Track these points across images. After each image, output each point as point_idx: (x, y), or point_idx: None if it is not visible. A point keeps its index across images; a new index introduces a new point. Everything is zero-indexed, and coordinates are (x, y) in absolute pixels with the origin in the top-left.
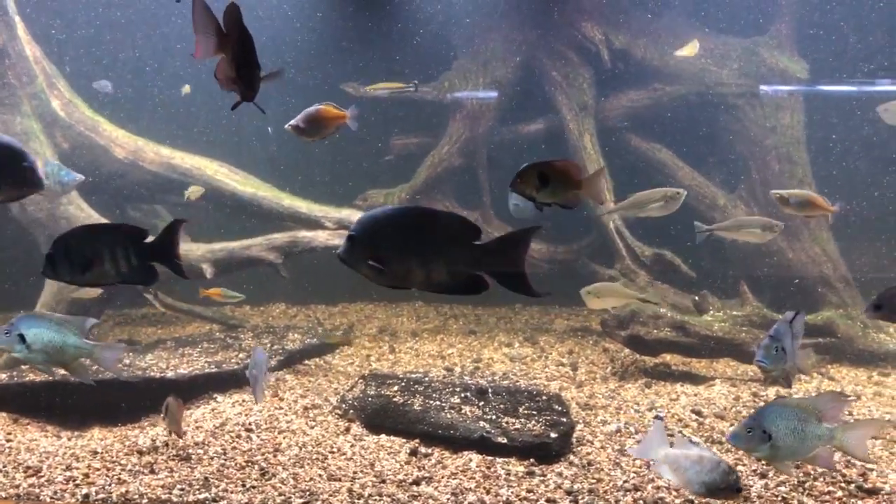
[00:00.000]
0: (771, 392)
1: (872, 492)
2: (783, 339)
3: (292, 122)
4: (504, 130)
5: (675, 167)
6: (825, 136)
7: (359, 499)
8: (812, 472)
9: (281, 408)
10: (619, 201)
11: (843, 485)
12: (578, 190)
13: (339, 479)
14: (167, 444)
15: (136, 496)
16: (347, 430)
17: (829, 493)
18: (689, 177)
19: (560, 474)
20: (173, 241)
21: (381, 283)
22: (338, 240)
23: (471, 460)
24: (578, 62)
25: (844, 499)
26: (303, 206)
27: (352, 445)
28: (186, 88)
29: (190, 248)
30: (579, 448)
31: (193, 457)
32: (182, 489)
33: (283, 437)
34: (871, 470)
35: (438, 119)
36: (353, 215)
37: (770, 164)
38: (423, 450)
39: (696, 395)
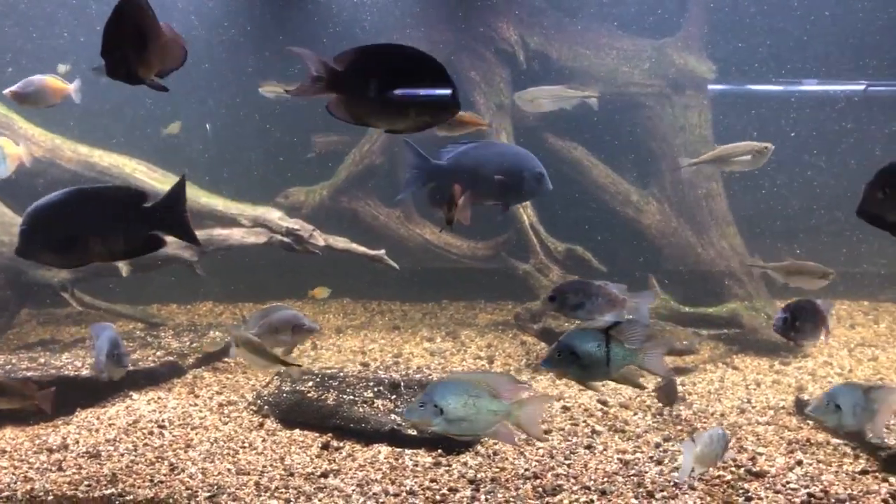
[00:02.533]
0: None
1: (760, 475)
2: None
3: (12, 88)
4: (429, 131)
5: (590, 165)
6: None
7: (265, 491)
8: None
9: (196, 405)
10: (532, 202)
11: (733, 469)
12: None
13: (248, 473)
14: (77, 442)
15: (42, 493)
16: (261, 425)
17: (719, 477)
18: (603, 174)
19: (465, 464)
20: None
21: (66, 266)
22: (253, 237)
23: (380, 452)
24: (495, 62)
25: (733, 482)
26: (219, 203)
27: (264, 440)
28: (62, 68)
29: None
30: (487, 438)
31: (103, 453)
32: (89, 485)
33: (196, 433)
34: (761, 454)
35: None
36: (269, 213)
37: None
38: (335, 443)
39: (603, 385)
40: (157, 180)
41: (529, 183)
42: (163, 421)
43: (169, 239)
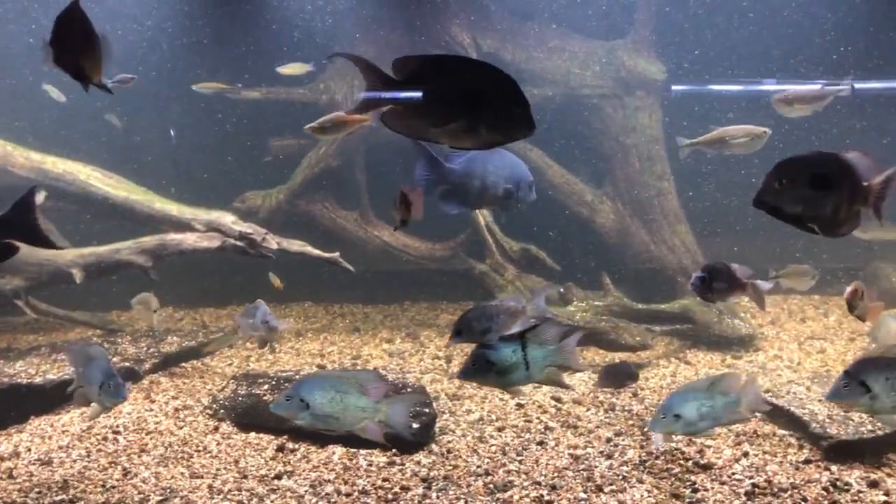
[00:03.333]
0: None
1: (707, 467)
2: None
3: None
4: (383, 132)
5: (544, 165)
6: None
7: (218, 494)
8: (654, 452)
9: (151, 409)
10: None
11: (681, 462)
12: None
13: (202, 477)
14: (29, 450)
15: None
16: (216, 429)
17: (667, 469)
18: (558, 175)
19: (418, 462)
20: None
21: None
22: (207, 242)
23: (334, 453)
24: None
25: (681, 474)
26: (174, 208)
27: (218, 444)
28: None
29: (59, 253)
30: (441, 437)
31: (55, 460)
32: (39, 492)
33: (150, 438)
34: (709, 447)
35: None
36: (224, 217)
37: (631, 161)
38: (290, 445)
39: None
40: (112, 186)
41: (525, 191)
42: (117, 427)
43: (123, 245)
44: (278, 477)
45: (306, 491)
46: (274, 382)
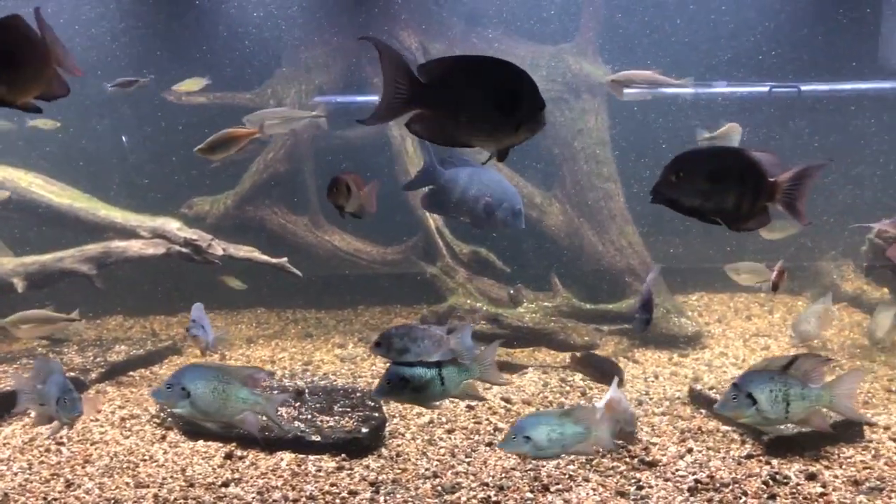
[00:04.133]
0: (578, 377)
1: (652, 464)
2: None
3: None
4: (331, 136)
5: (494, 168)
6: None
7: (164, 503)
8: (600, 450)
9: (97, 420)
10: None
11: (627, 460)
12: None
13: (147, 486)
14: None
15: None
16: (164, 438)
17: (613, 468)
18: (508, 177)
19: (367, 467)
20: None
21: None
22: (152, 249)
23: (282, 460)
24: None
25: (626, 472)
26: (118, 215)
27: (165, 452)
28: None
29: (0, 262)
30: (391, 441)
31: None
32: None
33: (95, 449)
34: (655, 444)
35: None
36: (169, 223)
37: (579, 163)
38: (238, 453)
39: (507, 385)
40: (55, 193)
41: (509, 215)
42: (61, 437)
43: (66, 253)
44: (225, 484)
45: (253, 498)
46: None
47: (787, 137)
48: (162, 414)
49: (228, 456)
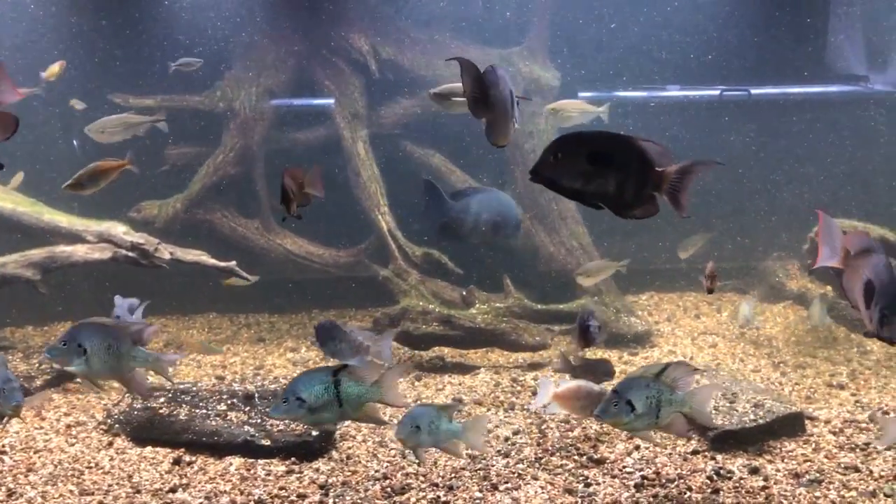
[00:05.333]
0: (529, 377)
1: (600, 461)
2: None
3: None
4: (282, 138)
5: (448, 171)
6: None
7: None
8: (549, 448)
9: (41, 427)
10: (392, 205)
11: (576, 457)
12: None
13: (92, 494)
14: None
15: None
16: (110, 444)
17: (562, 465)
18: (461, 180)
19: (317, 469)
20: None
21: None
22: (98, 253)
23: (231, 464)
24: (349, 72)
25: (574, 470)
26: (63, 220)
27: (111, 459)
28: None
29: None
30: (342, 443)
31: None
32: None
33: (39, 457)
34: (603, 441)
35: (217, 128)
36: (114, 228)
37: (529, 164)
38: (187, 458)
39: (461, 384)
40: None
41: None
42: (3, 447)
43: (9, 258)
44: (173, 490)
45: (201, 503)
46: (170, 395)
47: (738, 139)
48: (109, 420)
49: (176, 461)
